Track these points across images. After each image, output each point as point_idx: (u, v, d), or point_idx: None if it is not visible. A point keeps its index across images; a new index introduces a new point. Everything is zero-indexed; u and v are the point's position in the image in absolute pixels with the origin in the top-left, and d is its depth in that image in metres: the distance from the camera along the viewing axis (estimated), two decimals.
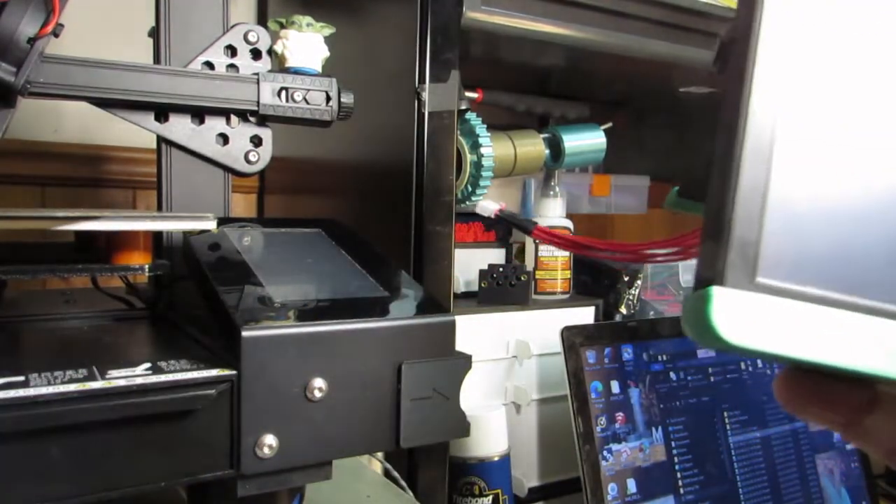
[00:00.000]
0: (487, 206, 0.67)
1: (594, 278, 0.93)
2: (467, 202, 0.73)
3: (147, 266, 0.40)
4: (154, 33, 0.47)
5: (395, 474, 0.58)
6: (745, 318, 0.16)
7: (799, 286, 0.16)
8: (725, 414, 0.76)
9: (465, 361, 0.37)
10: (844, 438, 0.19)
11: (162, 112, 0.46)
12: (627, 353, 0.72)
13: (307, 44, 0.48)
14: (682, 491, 0.71)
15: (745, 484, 0.75)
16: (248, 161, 0.48)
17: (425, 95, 0.60)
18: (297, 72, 0.47)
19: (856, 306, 0.16)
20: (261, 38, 0.48)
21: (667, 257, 0.47)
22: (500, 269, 0.76)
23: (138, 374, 0.30)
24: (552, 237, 0.62)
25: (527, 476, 0.77)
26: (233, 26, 0.47)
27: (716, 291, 0.16)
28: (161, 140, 0.46)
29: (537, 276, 0.82)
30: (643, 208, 1.08)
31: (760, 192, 0.16)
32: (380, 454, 0.60)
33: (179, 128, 0.46)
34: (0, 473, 0.28)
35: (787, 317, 0.16)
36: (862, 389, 0.18)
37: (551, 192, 0.84)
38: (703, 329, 0.16)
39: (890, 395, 0.18)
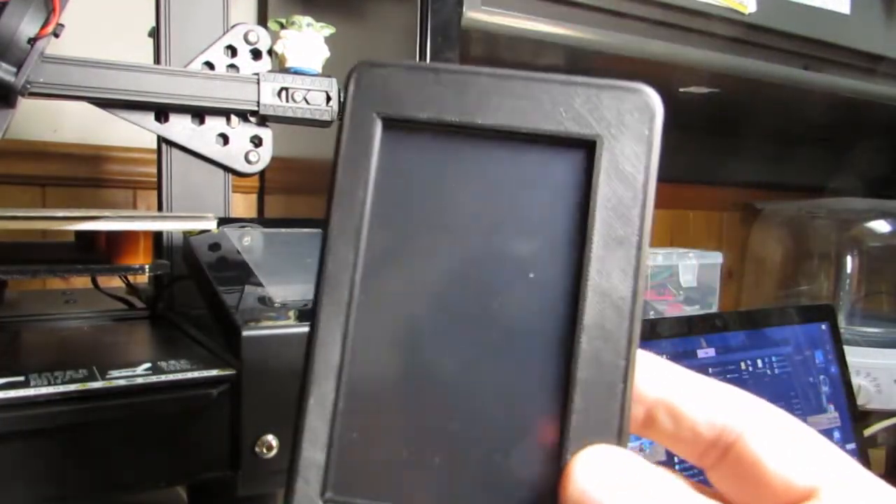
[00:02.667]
0: None
1: None
2: None
3: (147, 266, 0.40)
4: (154, 33, 0.47)
5: None
6: None
7: (357, 499, 0.17)
8: None
9: None
10: None
11: (162, 112, 0.46)
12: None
13: (307, 44, 0.48)
14: None
15: None
16: (248, 161, 0.48)
17: None
18: (297, 72, 0.47)
19: None
20: (261, 38, 0.48)
21: None
22: None
23: (138, 374, 0.30)
24: None
25: None
26: (233, 26, 0.47)
27: None
28: (161, 140, 0.46)
29: None
30: None
31: (329, 415, 0.17)
32: None
33: (179, 128, 0.46)
34: (0, 473, 0.28)
35: None
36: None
37: None
38: None
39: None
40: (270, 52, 0.48)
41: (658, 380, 0.19)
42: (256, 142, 0.48)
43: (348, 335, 0.18)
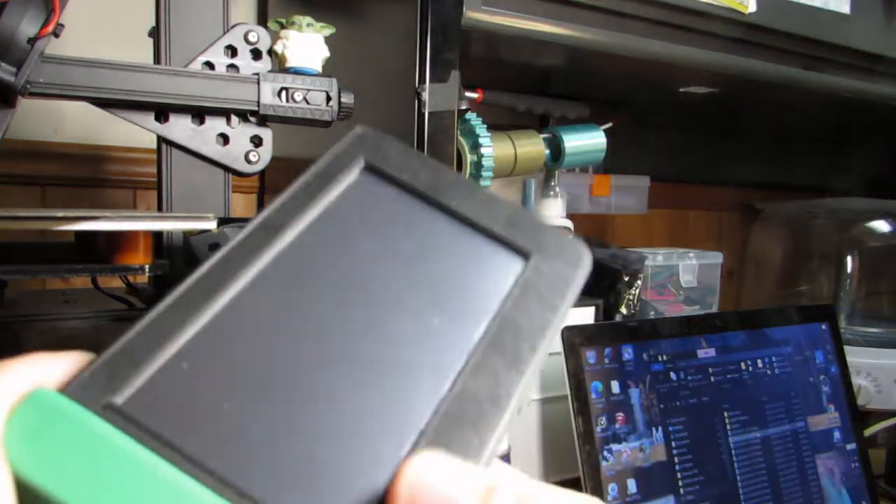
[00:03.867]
0: None
1: (594, 278, 0.94)
2: None
3: (147, 266, 0.40)
4: (154, 33, 0.47)
5: None
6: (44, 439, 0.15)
7: (155, 425, 0.15)
8: (726, 414, 0.76)
9: None
10: None
11: (162, 112, 0.46)
12: (628, 353, 0.72)
13: (307, 44, 0.48)
14: (682, 491, 0.71)
15: (746, 484, 0.75)
16: (248, 161, 0.48)
17: (425, 95, 0.60)
18: (297, 72, 0.47)
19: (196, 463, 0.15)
20: (261, 38, 0.48)
21: None
22: None
23: None
24: None
25: (527, 476, 0.77)
26: (233, 26, 0.47)
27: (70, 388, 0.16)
28: (161, 140, 0.46)
29: None
30: (643, 208, 1.08)
31: (181, 328, 0.17)
32: None
33: (180, 128, 0.46)
34: None
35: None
36: None
37: (551, 193, 0.84)
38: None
39: None
40: (270, 52, 0.48)
41: None
42: (256, 142, 0.48)
43: (227, 294, 0.18)
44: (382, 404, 0.17)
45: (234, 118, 0.47)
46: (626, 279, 0.91)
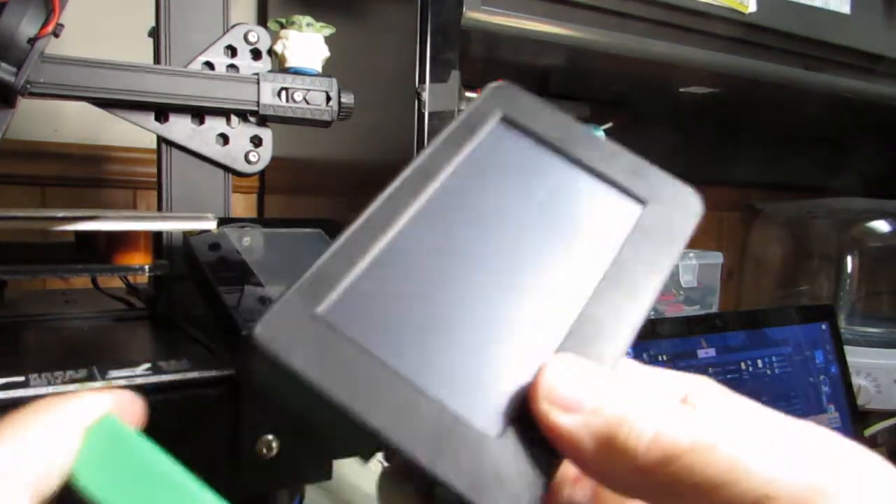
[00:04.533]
0: None
1: None
2: None
3: (147, 266, 0.40)
4: (154, 33, 0.47)
5: None
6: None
7: (354, 333, 0.19)
8: None
9: None
10: None
11: (162, 112, 0.45)
12: (628, 353, 0.72)
13: (307, 44, 0.48)
14: None
15: None
16: (248, 161, 0.48)
17: (425, 95, 0.60)
18: (297, 72, 0.47)
19: (385, 366, 0.18)
20: (261, 38, 0.48)
21: None
22: None
23: (138, 374, 0.30)
24: None
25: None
26: (233, 26, 0.47)
27: (278, 304, 0.19)
28: (161, 140, 0.46)
29: None
30: None
31: (363, 253, 0.20)
32: (380, 454, 0.60)
33: (179, 128, 0.46)
34: None
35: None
36: None
37: None
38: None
39: None
40: (270, 51, 0.48)
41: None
42: (256, 142, 0.48)
43: (407, 216, 0.21)
44: (528, 320, 0.20)
45: (233, 118, 0.47)
46: None
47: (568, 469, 0.19)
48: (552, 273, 0.21)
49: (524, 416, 0.19)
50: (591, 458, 0.18)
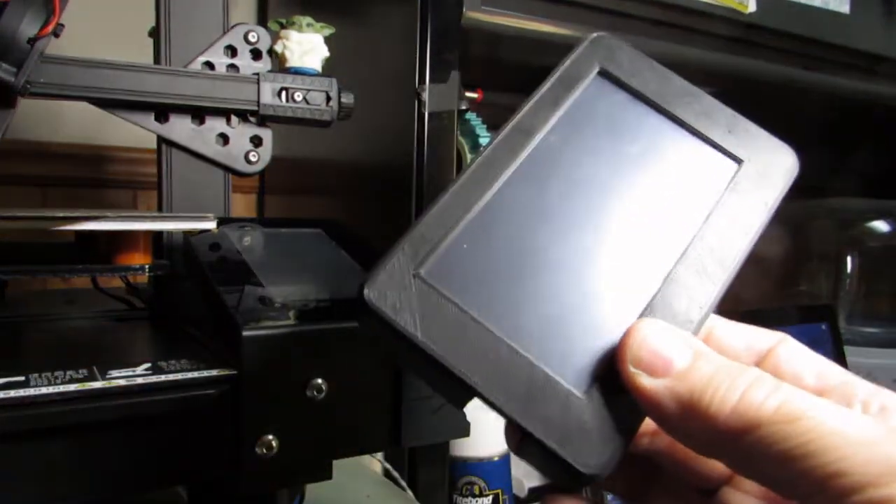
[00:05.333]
0: None
1: None
2: None
3: (147, 266, 0.40)
4: (154, 33, 0.47)
5: (395, 474, 0.58)
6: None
7: (451, 293, 0.20)
8: None
9: None
10: None
11: (162, 112, 0.46)
12: None
13: (307, 44, 0.48)
14: None
15: None
16: (248, 161, 0.48)
17: (425, 96, 0.60)
18: (297, 72, 0.47)
19: (481, 325, 0.20)
20: (261, 38, 0.48)
21: None
22: None
23: (139, 374, 0.30)
24: None
25: (527, 476, 0.77)
26: (233, 26, 0.47)
27: (385, 264, 0.20)
28: (161, 140, 0.46)
29: None
30: None
31: (460, 215, 0.21)
32: (380, 454, 0.60)
33: (180, 128, 0.46)
34: (0, 473, 0.28)
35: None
36: None
37: None
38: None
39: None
40: (270, 52, 0.48)
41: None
42: (256, 142, 0.48)
43: (502, 180, 0.22)
44: (618, 281, 0.21)
45: (234, 118, 0.47)
46: None
47: (649, 421, 0.20)
48: (643, 233, 0.22)
49: (610, 375, 0.19)
50: (674, 421, 0.19)
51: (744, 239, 0.22)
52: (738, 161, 0.23)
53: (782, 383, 0.18)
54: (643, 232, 0.22)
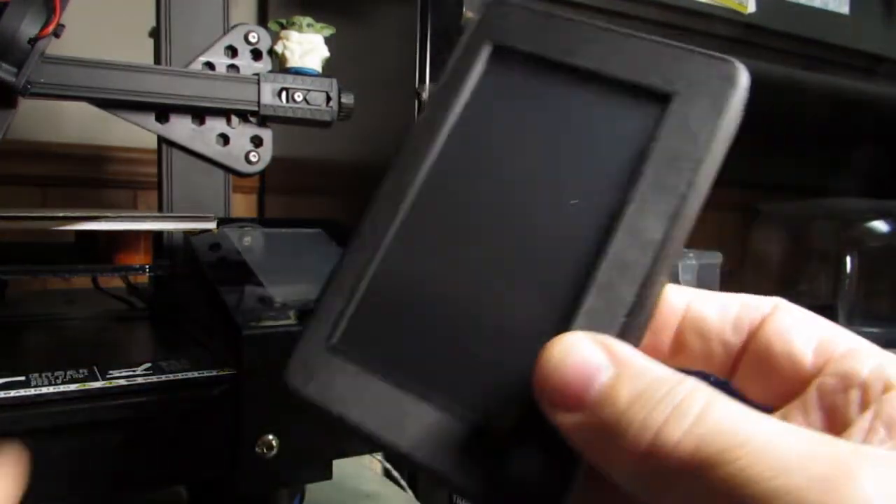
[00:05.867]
0: None
1: None
2: None
3: (148, 266, 0.40)
4: (154, 33, 0.47)
5: (395, 474, 0.58)
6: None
7: (362, 358, 0.19)
8: None
9: None
10: None
11: (162, 113, 0.46)
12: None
13: (307, 44, 0.48)
14: None
15: None
16: (248, 161, 0.48)
17: (425, 95, 0.60)
18: (297, 72, 0.47)
19: (400, 385, 0.18)
20: (261, 38, 0.48)
21: None
22: None
23: (139, 374, 0.30)
24: None
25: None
26: (233, 27, 0.48)
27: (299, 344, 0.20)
28: (161, 140, 0.46)
29: None
30: None
31: (359, 275, 0.20)
32: (380, 454, 0.60)
33: (180, 128, 0.46)
34: None
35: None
36: None
37: None
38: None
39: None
40: (271, 52, 0.48)
41: (678, 305, 0.21)
42: (257, 142, 0.48)
43: (394, 227, 0.20)
44: (539, 293, 0.18)
45: (234, 118, 0.47)
46: None
47: None
48: (556, 232, 0.19)
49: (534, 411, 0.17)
50: (598, 458, 0.16)
51: (688, 200, 0.18)
52: (665, 98, 0.18)
53: (712, 406, 0.15)
54: (557, 230, 0.19)
